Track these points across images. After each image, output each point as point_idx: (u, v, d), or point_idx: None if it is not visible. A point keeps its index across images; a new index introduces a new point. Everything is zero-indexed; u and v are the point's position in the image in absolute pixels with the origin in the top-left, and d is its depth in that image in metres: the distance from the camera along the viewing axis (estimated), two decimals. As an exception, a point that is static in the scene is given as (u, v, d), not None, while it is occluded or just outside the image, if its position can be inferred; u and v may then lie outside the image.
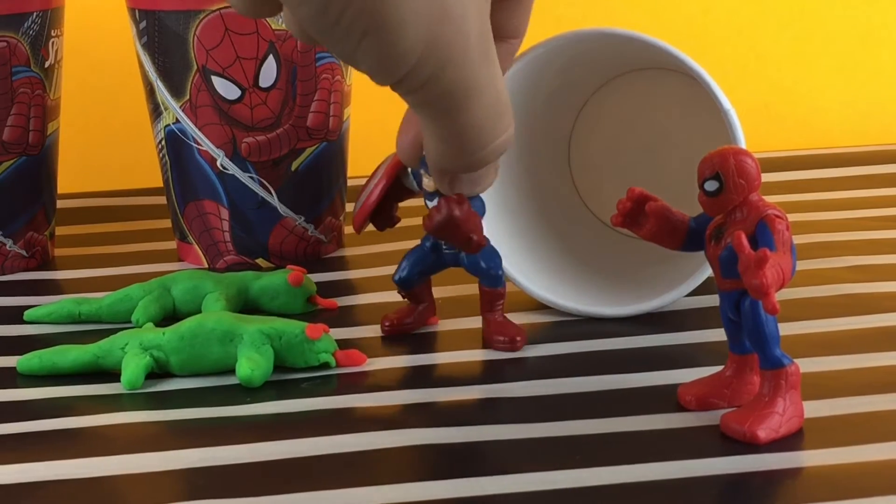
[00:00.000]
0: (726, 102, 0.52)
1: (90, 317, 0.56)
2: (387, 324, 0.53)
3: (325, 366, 0.50)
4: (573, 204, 0.62)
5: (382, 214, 0.53)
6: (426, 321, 0.54)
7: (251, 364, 0.48)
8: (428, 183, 0.50)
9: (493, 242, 0.55)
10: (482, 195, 0.50)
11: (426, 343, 0.52)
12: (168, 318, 0.55)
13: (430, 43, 0.34)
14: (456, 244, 0.48)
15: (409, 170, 0.51)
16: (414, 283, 0.53)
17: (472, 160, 0.37)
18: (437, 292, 0.58)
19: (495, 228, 0.56)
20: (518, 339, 0.51)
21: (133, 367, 0.48)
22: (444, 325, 0.54)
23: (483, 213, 0.50)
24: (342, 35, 0.33)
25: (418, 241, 0.53)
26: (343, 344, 0.52)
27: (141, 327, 0.51)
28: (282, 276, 0.56)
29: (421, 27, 0.33)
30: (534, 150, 0.60)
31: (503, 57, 0.41)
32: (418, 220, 0.70)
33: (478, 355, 0.51)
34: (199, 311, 0.55)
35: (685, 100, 0.60)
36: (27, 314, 0.56)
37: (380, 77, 0.34)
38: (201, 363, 0.49)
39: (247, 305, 0.56)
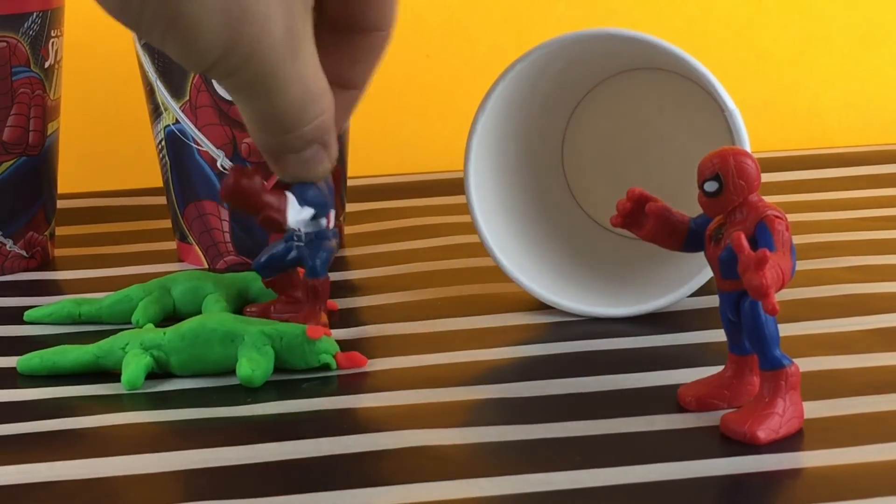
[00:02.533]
0: (731, 103, 0.52)
1: (90, 317, 0.56)
2: (252, 309, 0.54)
3: (326, 367, 0.50)
4: (569, 204, 0.62)
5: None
6: (289, 312, 0.53)
7: (252, 364, 0.48)
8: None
9: (493, 242, 0.55)
10: (326, 189, 0.49)
11: (426, 344, 0.52)
12: (168, 318, 0.55)
13: (232, 40, 0.36)
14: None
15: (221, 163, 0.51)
16: (267, 272, 0.53)
17: (282, 142, 0.40)
18: (438, 292, 0.58)
19: (496, 228, 0.56)
20: (319, 333, 0.49)
21: (133, 367, 0.48)
22: (444, 325, 0.54)
23: (317, 203, 0.49)
24: (147, 30, 0.36)
25: (415, 243, 0.53)
26: (344, 345, 0.52)
27: (141, 328, 0.51)
28: None
29: (218, 25, 0.36)
30: (532, 150, 0.60)
31: (344, 105, 0.44)
32: (418, 221, 0.70)
33: (478, 356, 0.51)
34: (200, 312, 0.55)
35: (678, 99, 0.60)
36: (27, 315, 0.56)
37: (188, 66, 0.37)
38: (202, 364, 0.49)
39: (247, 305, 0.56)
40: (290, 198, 0.47)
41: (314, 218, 0.49)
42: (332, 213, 0.50)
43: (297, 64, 0.38)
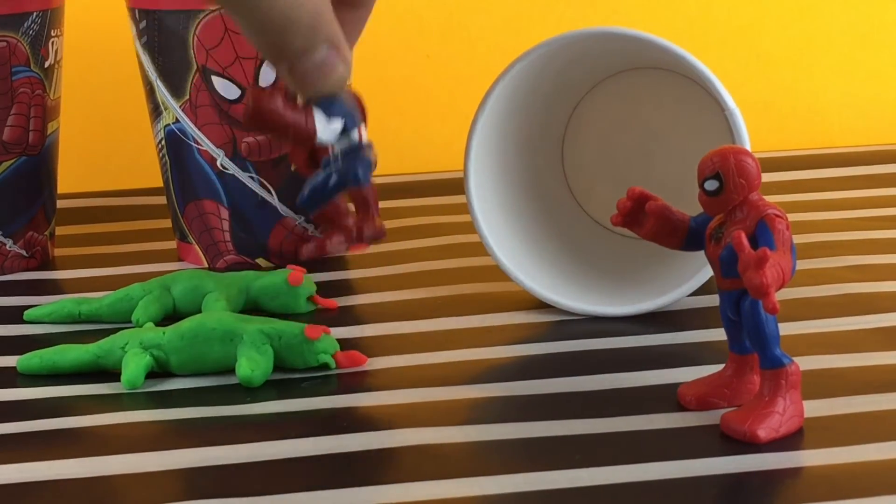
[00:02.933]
0: (731, 102, 0.52)
1: (90, 316, 0.56)
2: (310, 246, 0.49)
3: (325, 366, 0.50)
4: (569, 203, 0.62)
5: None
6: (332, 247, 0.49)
7: (251, 364, 0.48)
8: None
9: (493, 241, 0.55)
10: (353, 110, 0.46)
11: (426, 343, 0.52)
12: (168, 317, 0.55)
13: None
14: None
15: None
16: (316, 203, 0.48)
17: (284, 42, 0.39)
18: (437, 291, 0.58)
19: (496, 228, 0.56)
20: (366, 233, 0.47)
21: (133, 366, 0.48)
22: (444, 324, 0.54)
23: (345, 114, 0.45)
24: None
25: (415, 242, 0.53)
26: (343, 344, 0.52)
27: (141, 327, 0.51)
28: (282, 276, 0.56)
29: None
30: (532, 150, 0.60)
31: (352, 25, 0.42)
32: (418, 221, 0.70)
33: (478, 354, 0.51)
34: (200, 311, 0.55)
35: (678, 98, 0.60)
36: (27, 314, 0.56)
37: None
38: (201, 363, 0.49)
39: (247, 305, 0.56)
40: (317, 112, 0.44)
41: (344, 131, 0.45)
42: (364, 128, 0.46)
43: None
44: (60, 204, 0.70)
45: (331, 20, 0.39)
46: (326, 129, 0.44)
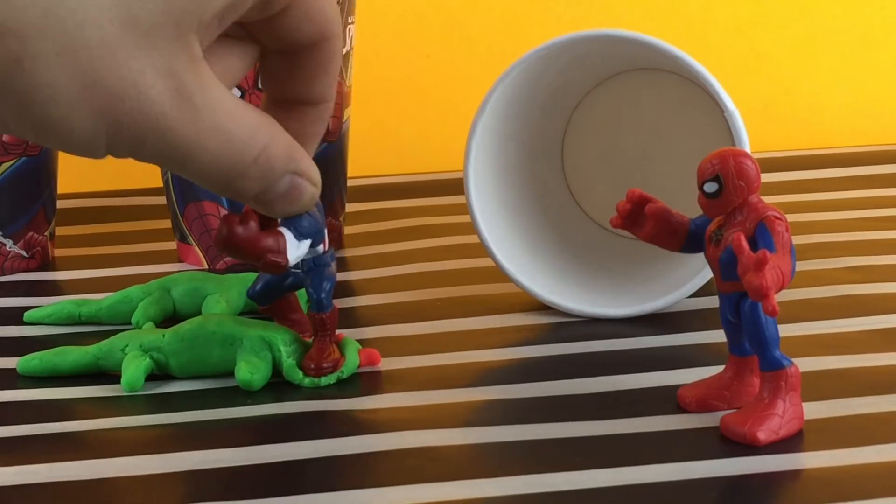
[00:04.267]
0: (730, 104, 0.52)
1: (90, 318, 0.56)
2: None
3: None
4: (569, 205, 0.62)
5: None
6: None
7: (250, 368, 0.48)
8: None
9: (493, 243, 0.55)
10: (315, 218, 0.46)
11: (426, 344, 0.52)
12: (168, 319, 0.55)
13: (110, 130, 0.34)
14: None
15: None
16: (265, 300, 0.52)
17: (239, 188, 0.37)
18: (437, 292, 0.58)
19: (496, 229, 0.56)
20: (324, 366, 0.49)
21: (133, 369, 0.48)
22: (443, 326, 0.54)
23: (313, 232, 0.45)
24: (17, 133, 0.34)
25: (414, 243, 0.53)
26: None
27: (141, 329, 0.51)
28: None
29: (88, 120, 0.33)
30: (532, 152, 0.60)
31: (312, 120, 0.40)
32: (418, 221, 0.70)
33: (477, 356, 0.51)
34: (200, 313, 0.55)
35: (678, 100, 0.60)
36: (27, 315, 0.56)
37: (89, 157, 0.35)
38: (201, 366, 0.49)
39: (248, 307, 0.56)
40: (287, 235, 0.44)
41: (311, 247, 0.46)
42: (326, 237, 0.47)
43: (202, 119, 0.34)
44: (60, 204, 0.70)
45: (283, 149, 0.37)
46: (297, 250, 0.44)
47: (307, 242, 0.45)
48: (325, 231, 0.47)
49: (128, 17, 0.33)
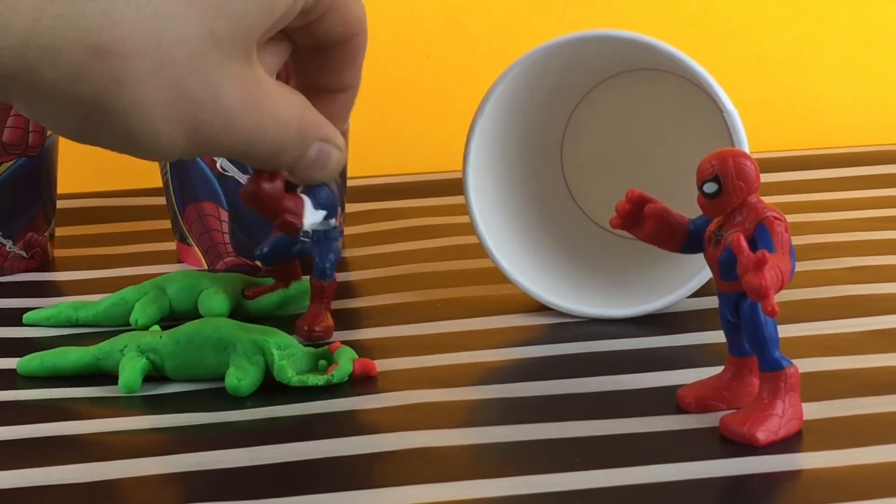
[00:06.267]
0: (729, 104, 0.52)
1: (88, 321, 0.56)
2: (248, 292, 0.56)
3: (323, 370, 0.49)
4: (568, 205, 0.62)
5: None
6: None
7: (238, 373, 0.48)
8: None
9: (492, 243, 0.55)
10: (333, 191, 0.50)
11: (425, 345, 0.52)
12: (165, 318, 0.55)
13: (191, 132, 0.36)
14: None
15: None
16: (270, 261, 0.54)
17: (274, 164, 0.40)
18: (437, 293, 0.58)
19: (495, 229, 0.56)
20: (317, 329, 0.52)
21: (129, 370, 0.48)
22: (443, 327, 0.54)
23: (326, 204, 0.49)
24: (106, 146, 0.36)
25: (414, 244, 0.53)
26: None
27: (141, 329, 0.51)
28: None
29: (174, 125, 0.36)
30: (531, 152, 0.60)
31: (341, 105, 0.44)
32: (417, 222, 0.70)
33: (477, 357, 0.51)
34: (196, 310, 0.55)
35: (677, 100, 0.60)
36: (26, 317, 0.56)
37: (160, 161, 0.39)
38: (195, 369, 0.49)
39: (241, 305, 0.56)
40: (307, 201, 0.47)
41: (325, 218, 0.49)
42: (339, 213, 0.51)
43: (262, 110, 0.38)
44: (60, 205, 0.70)
45: (314, 119, 0.41)
46: (313, 217, 0.47)
47: (322, 213, 0.48)
48: (339, 209, 0.51)
49: (209, 33, 0.36)
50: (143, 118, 0.35)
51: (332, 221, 0.50)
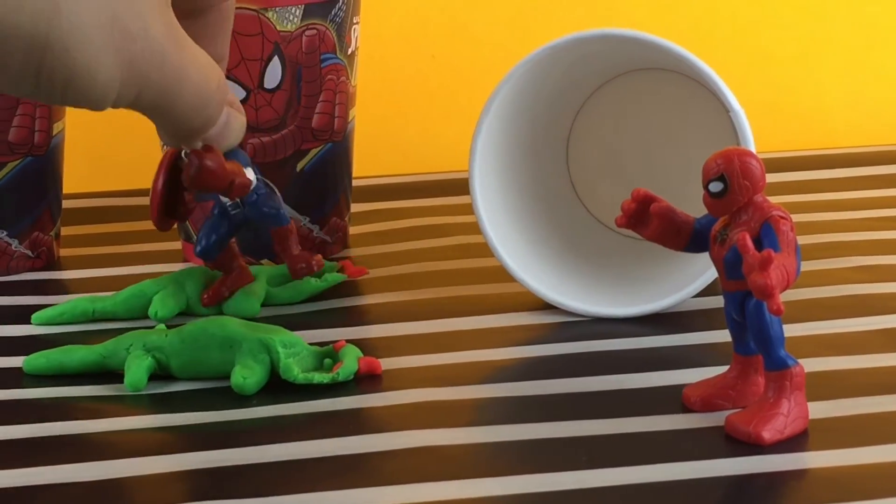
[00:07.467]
0: (736, 104, 0.52)
1: (104, 314, 0.56)
2: (205, 296, 0.55)
3: (328, 369, 0.49)
4: (573, 204, 0.62)
5: (175, 206, 0.51)
6: (242, 284, 0.55)
7: (244, 372, 0.48)
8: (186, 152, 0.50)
9: (498, 242, 0.55)
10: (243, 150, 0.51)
11: (431, 344, 0.52)
12: (183, 313, 0.55)
13: (125, 66, 0.38)
14: (220, 192, 0.48)
15: (182, 153, 0.50)
16: (215, 252, 0.54)
17: (197, 128, 0.43)
18: (442, 292, 0.58)
19: (501, 228, 0.56)
20: (313, 262, 0.53)
21: (135, 368, 0.48)
22: (449, 325, 0.54)
23: (247, 162, 0.50)
24: (46, 92, 0.37)
25: (420, 243, 0.53)
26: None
27: (159, 321, 0.51)
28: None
29: (110, 57, 0.37)
30: (536, 151, 0.60)
31: (223, 19, 0.45)
32: (423, 221, 0.70)
33: (482, 356, 0.51)
34: (214, 308, 0.56)
35: (683, 100, 0.60)
36: (35, 318, 0.56)
37: (94, 108, 0.39)
38: (200, 368, 0.49)
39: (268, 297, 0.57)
40: (241, 162, 0.48)
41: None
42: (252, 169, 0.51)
43: (185, 52, 0.40)
44: (66, 204, 0.70)
45: (223, 76, 0.43)
46: (250, 174, 0.49)
47: (251, 169, 0.49)
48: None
49: None
50: (81, 48, 0.36)
51: (254, 176, 0.51)
